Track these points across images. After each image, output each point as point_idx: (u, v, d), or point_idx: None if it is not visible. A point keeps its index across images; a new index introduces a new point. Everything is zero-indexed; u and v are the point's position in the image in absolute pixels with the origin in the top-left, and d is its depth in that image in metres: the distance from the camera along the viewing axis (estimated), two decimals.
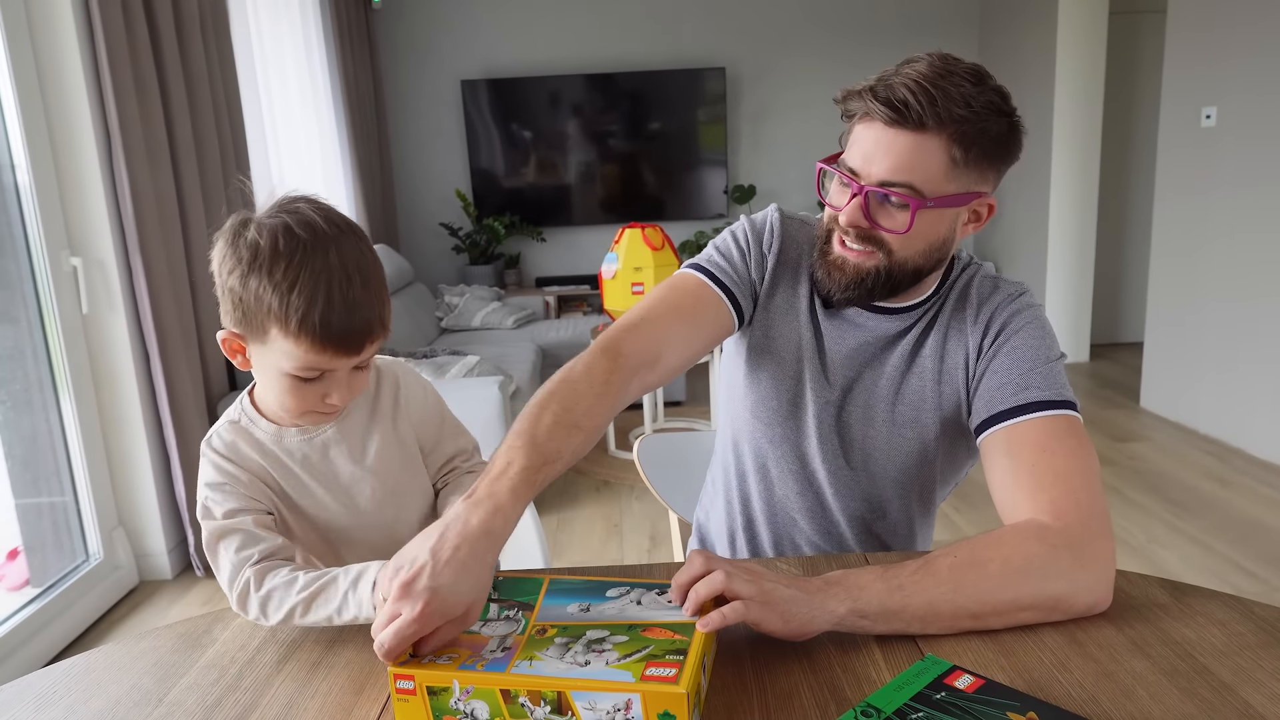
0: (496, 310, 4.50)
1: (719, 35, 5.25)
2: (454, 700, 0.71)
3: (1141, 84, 4.92)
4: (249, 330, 0.85)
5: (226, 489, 0.90)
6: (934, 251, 1.00)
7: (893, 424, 1.09)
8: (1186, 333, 3.68)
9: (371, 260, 0.86)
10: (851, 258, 0.99)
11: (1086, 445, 0.93)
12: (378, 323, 0.85)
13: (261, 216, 0.84)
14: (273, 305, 0.81)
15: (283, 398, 0.88)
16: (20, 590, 2.32)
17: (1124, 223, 5.13)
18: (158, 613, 2.43)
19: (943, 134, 0.91)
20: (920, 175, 0.92)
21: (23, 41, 2.27)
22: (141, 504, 2.58)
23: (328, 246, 0.82)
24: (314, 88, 3.96)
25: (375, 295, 0.85)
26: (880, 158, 0.93)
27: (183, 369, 2.59)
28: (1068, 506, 0.87)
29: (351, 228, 0.86)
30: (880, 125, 0.93)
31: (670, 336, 1.04)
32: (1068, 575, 0.83)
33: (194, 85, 2.76)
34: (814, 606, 0.78)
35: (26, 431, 2.36)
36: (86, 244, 2.42)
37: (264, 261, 0.81)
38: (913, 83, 0.90)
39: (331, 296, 0.81)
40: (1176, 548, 2.60)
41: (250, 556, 0.88)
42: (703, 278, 1.09)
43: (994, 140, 0.93)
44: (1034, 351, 0.99)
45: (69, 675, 0.83)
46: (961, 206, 0.97)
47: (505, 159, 5.25)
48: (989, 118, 0.92)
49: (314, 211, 0.84)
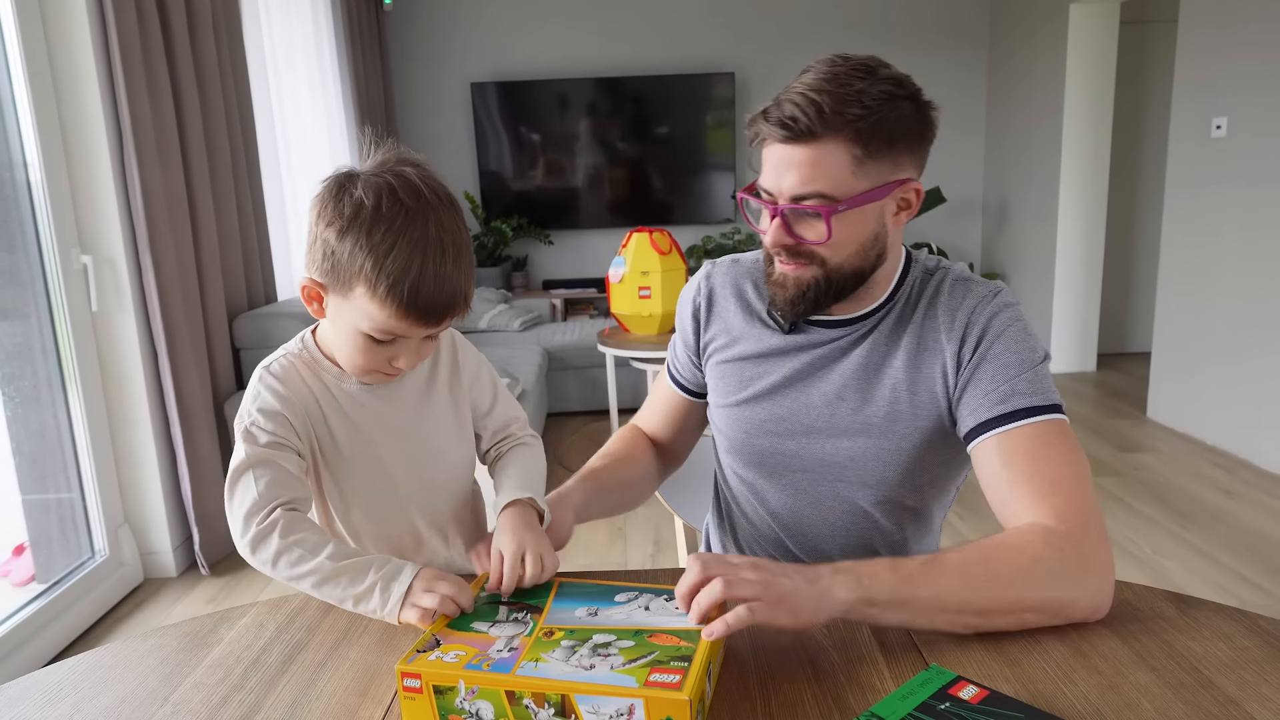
0: (503, 313, 4.51)
1: (728, 40, 5.26)
2: (460, 699, 0.71)
3: (1151, 93, 4.92)
4: (334, 284, 0.85)
5: (278, 416, 0.89)
6: (868, 250, 0.99)
7: (856, 434, 1.07)
8: (1194, 343, 3.67)
9: (465, 236, 0.87)
10: (790, 272, 1.01)
11: (1076, 448, 0.94)
12: (462, 298, 0.86)
13: (368, 173, 0.84)
14: (365, 266, 0.81)
15: (352, 355, 0.89)
16: (26, 586, 2.33)
17: (1132, 232, 5.12)
18: (162, 610, 2.44)
19: (839, 137, 0.91)
20: (827, 181, 0.93)
21: (37, 40, 2.28)
22: (147, 501, 2.59)
23: (428, 216, 0.82)
24: (324, 88, 3.97)
25: (464, 271, 0.85)
26: (785, 174, 0.95)
27: (190, 368, 2.60)
28: (1069, 512, 0.88)
29: (452, 200, 0.87)
30: (778, 144, 0.95)
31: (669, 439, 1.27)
32: (1073, 579, 0.84)
33: (206, 85, 2.77)
34: (820, 596, 0.79)
35: (35, 427, 2.37)
36: (97, 242, 2.43)
37: (365, 221, 0.81)
38: (799, 95, 0.92)
39: (425, 267, 0.81)
40: (1182, 559, 2.59)
41: (281, 496, 0.87)
42: (671, 384, 1.25)
43: (895, 128, 0.93)
44: (1018, 356, 0.98)
45: (75, 673, 0.84)
46: (881, 200, 0.96)
47: (514, 161, 5.27)
48: (883, 107, 0.92)
49: (419, 177, 0.84)
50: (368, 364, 0.89)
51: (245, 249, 3.05)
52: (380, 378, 0.93)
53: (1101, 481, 3.22)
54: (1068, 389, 4.53)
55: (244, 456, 0.88)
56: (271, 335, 2.86)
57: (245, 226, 3.05)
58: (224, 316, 2.82)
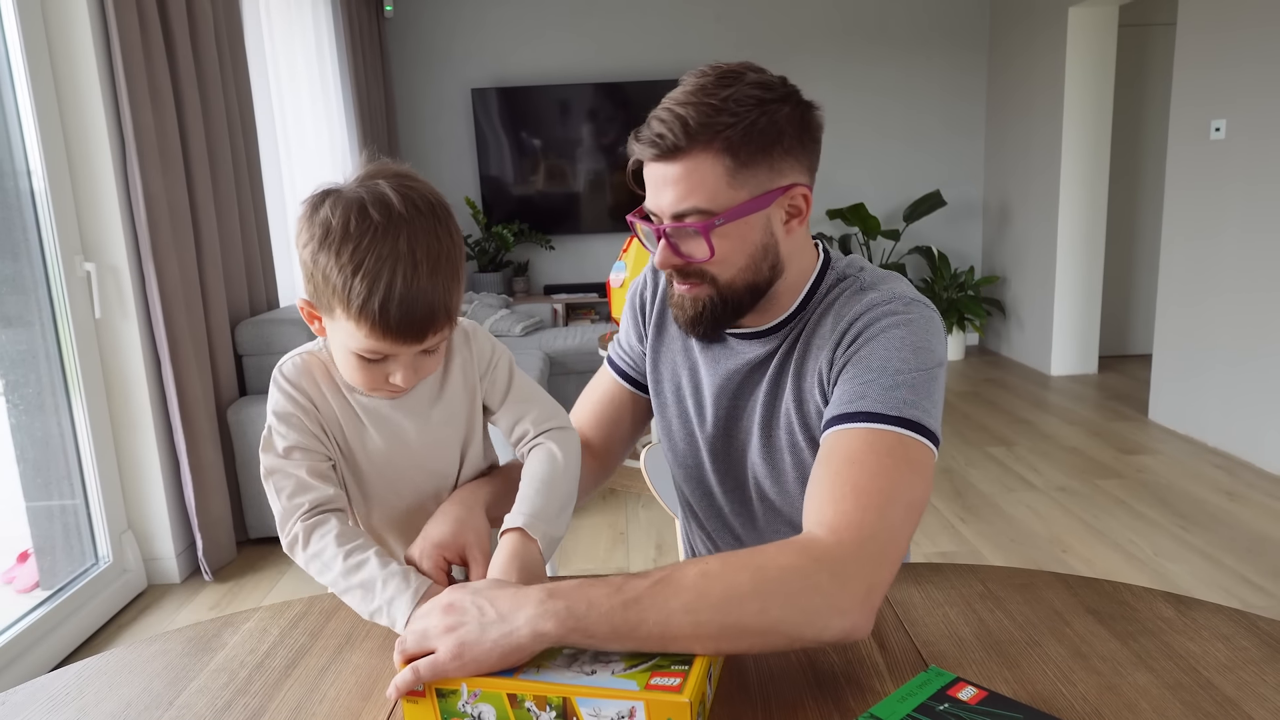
0: (504, 318, 4.51)
1: (728, 45, 5.27)
2: (462, 703, 0.72)
3: (1151, 96, 4.93)
4: (319, 304, 0.84)
5: (293, 420, 0.89)
6: (759, 263, 0.96)
7: (770, 451, 1.05)
8: (1195, 345, 3.67)
9: (446, 246, 0.82)
10: (686, 293, 0.98)
11: (904, 469, 0.84)
12: (442, 313, 0.82)
13: (343, 188, 0.82)
14: (337, 286, 0.79)
15: (350, 374, 0.88)
16: (30, 592, 2.34)
17: (1133, 235, 5.13)
18: (166, 617, 2.44)
19: (708, 148, 0.89)
20: (702, 196, 0.90)
21: (40, 48, 2.29)
22: (151, 508, 2.60)
23: (399, 230, 0.79)
24: (326, 95, 3.99)
25: (442, 284, 0.81)
26: (662, 193, 0.92)
27: (193, 375, 2.60)
28: (847, 524, 0.79)
29: (432, 209, 0.82)
30: (651, 163, 0.92)
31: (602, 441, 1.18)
32: (824, 594, 0.75)
33: (208, 93, 2.79)
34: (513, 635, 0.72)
35: (39, 434, 2.38)
36: (100, 249, 2.45)
37: (334, 240, 0.79)
38: (665, 112, 0.90)
39: (394, 284, 0.78)
40: (1184, 561, 2.59)
41: (300, 505, 0.87)
42: (613, 376, 1.21)
43: (767, 132, 0.89)
44: (882, 362, 0.90)
45: (81, 677, 0.84)
46: (764, 209, 0.92)
47: (514, 167, 5.28)
48: (752, 113, 0.88)
49: (394, 189, 0.81)
50: (366, 381, 0.87)
51: (247, 255, 3.06)
52: (385, 394, 0.91)
53: (1103, 484, 3.22)
54: (1070, 392, 4.54)
55: (264, 465, 0.89)
56: (274, 341, 2.87)
57: (247, 233, 3.06)
58: (226, 323, 2.83)
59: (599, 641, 0.73)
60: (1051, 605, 0.90)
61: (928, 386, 0.89)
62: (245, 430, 2.78)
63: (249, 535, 2.88)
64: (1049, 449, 3.64)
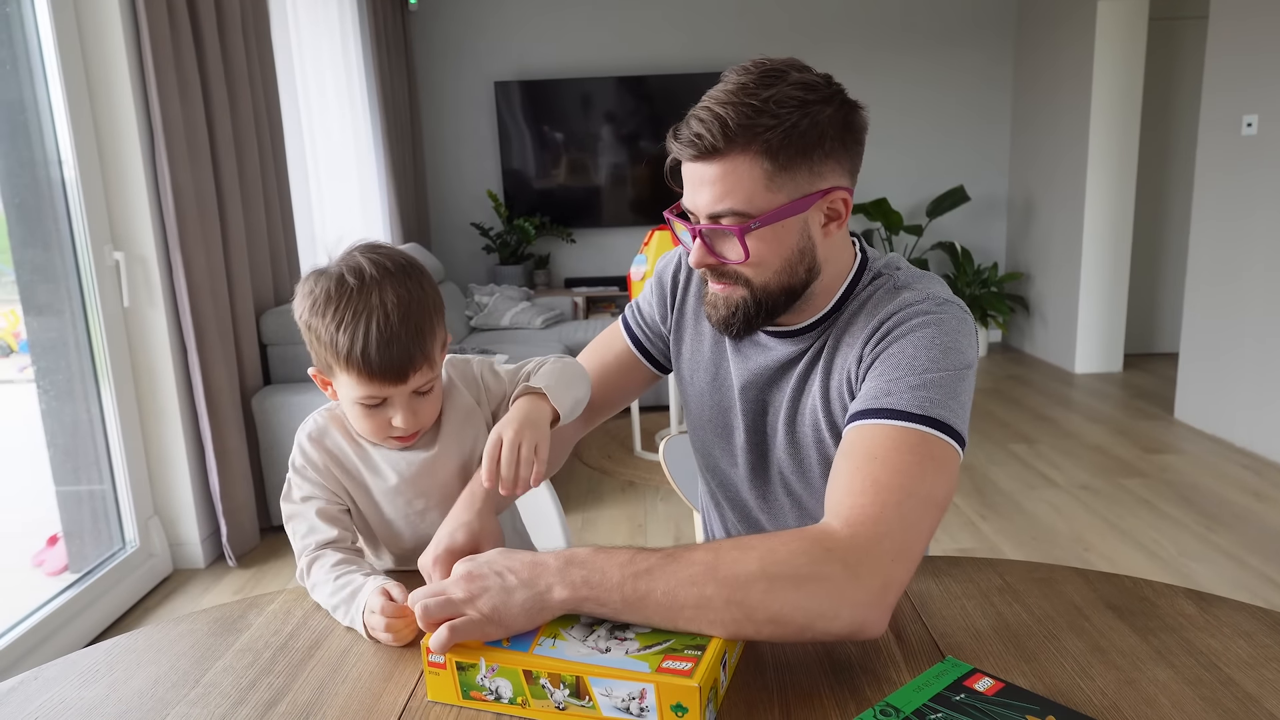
0: (525, 310, 4.53)
1: (750, 38, 5.25)
2: (480, 676, 0.74)
3: (1181, 90, 4.85)
4: (321, 366, 0.97)
5: (306, 474, 1.01)
6: (795, 266, 0.95)
7: (796, 447, 1.06)
8: (1223, 343, 3.62)
9: (416, 296, 0.93)
10: (720, 292, 0.99)
11: (926, 466, 0.83)
12: (419, 354, 0.92)
13: (328, 267, 0.96)
14: (328, 343, 0.92)
15: (358, 423, 0.98)
16: (59, 576, 2.38)
17: (1161, 231, 5.06)
18: (190, 601, 2.48)
19: (747, 150, 0.88)
20: (739, 198, 0.89)
21: (72, 43, 2.33)
22: (177, 494, 2.64)
23: (372, 289, 0.91)
24: (350, 88, 4.02)
25: (414, 329, 0.92)
26: (699, 192, 0.92)
27: (219, 363, 2.64)
28: (864, 518, 0.78)
29: (404, 269, 0.94)
30: (690, 163, 0.92)
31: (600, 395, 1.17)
32: (834, 584, 0.75)
33: (235, 86, 2.82)
34: (536, 600, 0.76)
35: (68, 420, 2.42)
36: (129, 239, 2.48)
37: (320, 306, 0.92)
38: (705, 111, 0.89)
39: (369, 332, 0.89)
40: (1208, 561, 2.56)
41: (309, 545, 0.98)
42: (625, 338, 1.22)
43: (809, 135, 0.88)
44: (912, 360, 0.89)
45: (111, 654, 0.86)
46: (803, 213, 0.92)
47: (536, 160, 5.29)
48: (794, 115, 0.87)
49: (366, 257, 0.94)
50: (372, 429, 0.97)
51: (272, 246, 3.10)
52: (395, 443, 1.00)
53: (1126, 483, 3.19)
54: (1094, 390, 4.49)
55: (285, 512, 1.01)
56: (297, 331, 2.89)
57: (272, 224, 3.09)
58: (251, 312, 2.87)
59: (611, 611, 0.76)
60: (1070, 600, 0.90)
61: (955, 387, 0.88)
62: (269, 419, 2.81)
63: (271, 522, 2.92)
64: (1072, 447, 3.61)
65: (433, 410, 1.00)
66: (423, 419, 0.98)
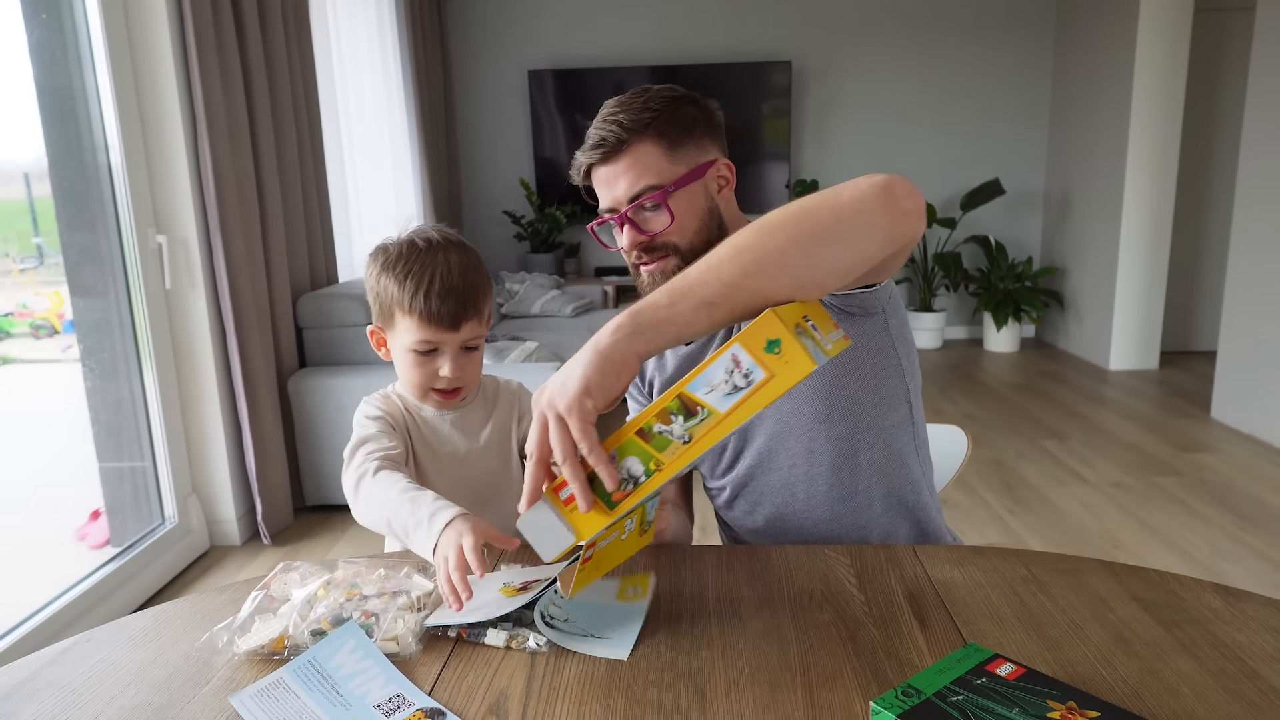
0: (555, 298, 4.56)
1: (785, 28, 5.23)
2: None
3: (1225, 83, 4.75)
4: (384, 320, 1.12)
5: (381, 421, 1.14)
6: (709, 224, 1.11)
7: None
8: (1263, 342, 3.55)
9: (473, 262, 1.12)
10: (655, 269, 1.11)
11: None
12: (472, 308, 1.10)
13: (399, 237, 1.13)
14: (395, 293, 1.09)
15: (409, 373, 1.12)
16: (101, 549, 2.46)
17: (1201, 226, 4.96)
18: (226, 576, 2.54)
19: (644, 137, 1.07)
20: (651, 175, 1.07)
21: (120, 33, 2.39)
22: (214, 472, 2.71)
23: (437, 252, 1.10)
24: (386, 76, 4.06)
25: (470, 287, 1.09)
26: (616, 185, 1.09)
27: (256, 345, 2.70)
28: None
29: (461, 243, 1.14)
30: (600, 166, 1.10)
31: None
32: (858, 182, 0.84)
33: (274, 74, 2.87)
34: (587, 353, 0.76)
35: (112, 399, 2.49)
36: (171, 223, 2.54)
37: (391, 263, 1.10)
38: (600, 124, 1.08)
39: (434, 280, 1.07)
40: (1241, 561, 2.53)
41: (378, 451, 1.07)
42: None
43: (685, 121, 1.09)
44: None
45: (158, 620, 0.90)
46: (701, 178, 1.10)
47: (569, 149, 5.31)
48: (669, 107, 1.08)
49: (433, 229, 1.14)
50: (421, 378, 1.11)
51: (309, 231, 3.15)
52: (439, 397, 1.14)
53: (1160, 481, 3.15)
54: (1128, 387, 4.43)
55: (355, 438, 1.11)
56: (332, 315, 2.95)
57: (309, 210, 3.14)
58: (288, 296, 2.92)
59: (664, 322, 0.77)
60: (1096, 591, 0.90)
61: None
62: (304, 400, 2.87)
63: (305, 502, 2.98)
64: (1104, 444, 3.57)
65: (476, 370, 1.15)
66: (467, 375, 1.12)
